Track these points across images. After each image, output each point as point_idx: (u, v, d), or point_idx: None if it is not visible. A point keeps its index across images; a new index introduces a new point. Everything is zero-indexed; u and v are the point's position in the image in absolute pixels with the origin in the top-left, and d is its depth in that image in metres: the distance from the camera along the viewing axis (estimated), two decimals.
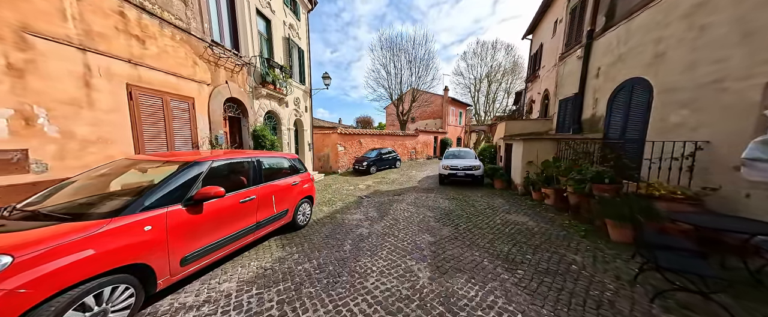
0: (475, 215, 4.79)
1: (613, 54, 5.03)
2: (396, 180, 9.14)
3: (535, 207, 5.17)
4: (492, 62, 25.91)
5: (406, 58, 18.24)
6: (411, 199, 6.23)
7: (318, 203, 5.72)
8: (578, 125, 6.09)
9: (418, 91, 19.10)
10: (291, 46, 8.52)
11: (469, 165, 7.59)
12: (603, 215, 3.34)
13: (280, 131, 7.86)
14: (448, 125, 23.01)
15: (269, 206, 3.07)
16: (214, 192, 2.10)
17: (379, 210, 5.24)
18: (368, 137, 13.58)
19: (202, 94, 4.47)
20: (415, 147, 17.42)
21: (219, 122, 4.92)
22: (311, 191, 4.25)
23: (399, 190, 7.40)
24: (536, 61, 9.83)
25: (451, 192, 6.93)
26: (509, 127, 8.31)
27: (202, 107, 4.49)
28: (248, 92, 6.06)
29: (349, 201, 6.03)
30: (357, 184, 8.48)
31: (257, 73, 6.28)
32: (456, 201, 5.93)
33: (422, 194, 6.84)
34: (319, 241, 3.53)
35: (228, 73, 5.25)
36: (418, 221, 4.48)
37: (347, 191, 7.31)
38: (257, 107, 6.47)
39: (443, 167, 7.83)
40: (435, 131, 20.33)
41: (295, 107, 8.80)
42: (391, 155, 12.66)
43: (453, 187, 7.66)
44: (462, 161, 8.14)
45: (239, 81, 5.66)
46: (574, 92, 6.36)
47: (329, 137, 12.32)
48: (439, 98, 22.90)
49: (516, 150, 6.63)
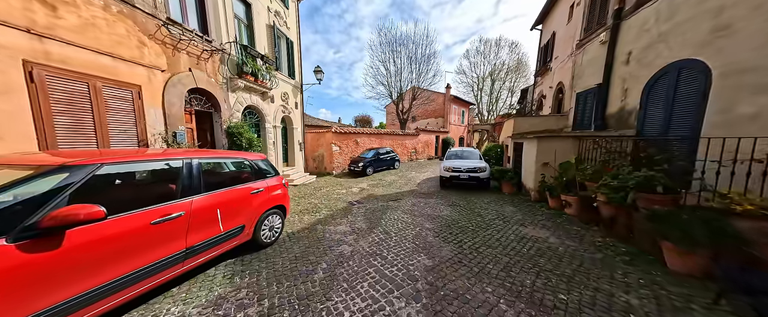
0: (482, 228, 3.98)
1: (649, 34, 4.18)
2: (393, 183, 8.35)
3: (554, 218, 4.34)
4: (495, 60, 25.08)
5: (406, 55, 17.45)
6: (408, 205, 5.43)
7: (300, 211, 4.95)
8: (601, 121, 5.24)
9: (419, 89, 18.30)
10: (278, 36, 7.77)
11: (474, 167, 6.77)
12: (658, 235, 2.51)
13: (264, 128, 7.12)
14: (450, 124, 22.15)
15: (212, 223, 2.30)
16: (85, 214, 1.33)
17: (369, 220, 4.45)
18: (365, 137, 12.80)
19: (153, 82, 3.73)
20: (416, 147, 16.61)
21: (179, 116, 4.18)
22: (283, 200, 3.48)
23: (396, 194, 6.61)
24: (547, 52, 8.97)
25: (453, 197, 6.12)
26: (518, 124, 7.47)
27: (154, 97, 3.75)
28: (221, 83, 5.31)
29: (336, 208, 5.26)
30: (350, 187, 7.71)
31: (232, 62, 5.53)
32: (459, 209, 5.12)
33: (421, 199, 6.05)
34: (285, 266, 2.76)
35: (192, 60, 4.50)
36: (413, 236, 3.68)
37: (338, 195, 6.54)
38: (234, 100, 5.73)
39: (445, 169, 7.02)
40: (436, 131, 19.49)
41: (282, 103, 8.05)
42: (389, 156, 11.87)
43: (456, 191, 6.84)
44: (465, 161, 7.33)
45: (209, 70, 4.91)
46: (596, 82, 5.51)
47: (324, 136, 11.57)
48: (440, 96, 22.06)
49: (528, 150, 5.80)
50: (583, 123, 6.08)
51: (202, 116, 5.13)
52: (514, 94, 26.28)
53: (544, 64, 9.14)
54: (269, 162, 3.48)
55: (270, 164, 3.49)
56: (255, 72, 6.05)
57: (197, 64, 4.61)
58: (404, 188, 7.52)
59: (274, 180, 3.38)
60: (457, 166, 6.90)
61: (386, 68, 17.70)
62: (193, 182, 2.15)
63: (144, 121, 3.55)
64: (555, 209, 4.76)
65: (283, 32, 8.03)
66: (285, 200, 3.54)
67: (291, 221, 4.35)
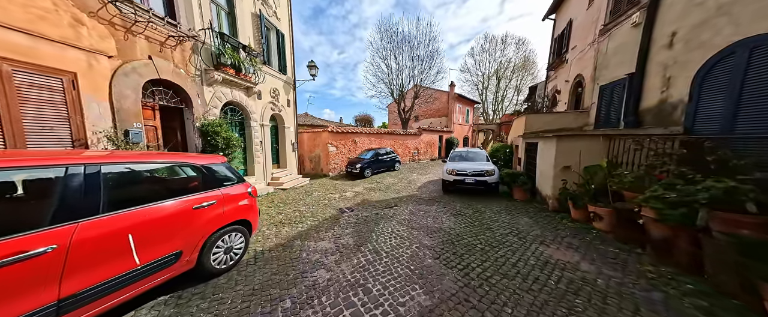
0: (493, 246, 3.25)
1: (703, 8, 3.38)
2: (392, 186, 7.64)
3: (581, 234, 3.57)
4: (501, 58, 24.15)
5: (408, 51, 16.69)
6: (405, 214, 4.73)
7: (280, 222, 4.29)
8: (634, 117, 4.43)
9: (422, 87, 17.54)
10: (266, 27, 7.16)
11: (481, 169, 6.01)
12: (752, 274, 1.75)
13: (249, 127, 6.50)
14: (455, 123, 21.30)
15: (118, 255, 1.64)
16: None
17: (358, 233, 3.76)
18: (364, 136, 12.13)
19: (96, 69, 3.11)
20: (418, 147, 15.86)
21: (134, 111, 3.56)
22: (248, 212, 2.82)
23: (393, 200, 5.91)
24: (562, 43, 8.13)
25: (457, 204, 5.38)
26: (530, 122, 6.68)
27: (97, 88, 3.13)
28: (194, 75, 4.69)
29: (324, 217, 4.58)
30: (345, 191, 7.04)
31: (208, 51, 4.91)
32: (465, 219, 4.39)
33: (421, 206, 5.33)
34: (234, 307, 2.09)
35: (154, 47, 3.89)
36: (408, 257, 2.98)
37: (329, 201, 5.87)
38: (210, 95, 5.11)
39: (448, 172, 6.28)
40: (440, 130, 18.69)
41: (271, 100, 7.43)
42: (389, 157, 11.17)
43: (460, 196, 6.10)
44: (471, 164, 6.57)
45: (176, 59, 4.30)
46: (626, 72, 4.70)
47: (320, 136, 10.94)
48: (444, 95, 21.24)
49: (545, 151, 5.02)
50: (609, 120, 5.26)
51: (171, 113, 4.52)
52: (521, 92, 25.29)
53: (559, 57, 8.30)
54: (230, 167, 2.83)
55: (232, 169, 2.83)
56: (236, 64, 5.43)
57: (160, 52, 3.99)
58: (403, 192, 6.81)
59: (237, 189, 2.72)
60: (462, 169, 6.15)
61: (387, 65, 16.99)
62: (80, 199, 1.49)
63: (81, 116, 2.93)
64: (580, 223, 3.98)
65: (273, 23, 7.41)
66: (251, 213, 2.88)
67: (265, 235, 3.69)
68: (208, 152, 4.78)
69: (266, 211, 4.86)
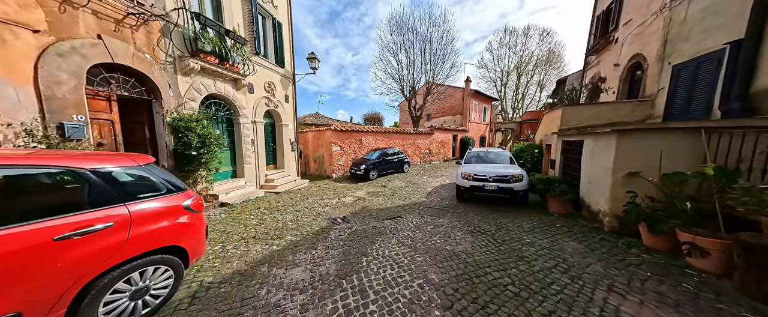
0: (532, 290, 2.20)
1: None
2: (398, 191, 6.67)
3: (674, 275, 2.37)
4: (522, 52, 22.18)
5: (420, 44, 15.53)
6: (409, 229, 3.75)
7: (253, 237, 3.50)
8: (741, 103, 3.09)
9: (434, 83, 16.31)
10: (260, 14, 6.51)
11: (506, 174, 4.85)
12: None
13: (238, 124, 5.86)
14: (470, 121, 19.74)
15: None
16: None
17: (344, 258, 2.86)
18: (370, 135, 11.25)
19: (12, 45, 2.49)
20: (430, 147, 14.69)
21: (73, 100, 2.93)
22: (181, 236, 2.02)
23: (397, 208, 4.94)
24: (609, 20, 6.66)
25: (475, 217, 4.30)
26: (569, 116, 5.37)
27: (14, 68, 2.51)
28: (164, 61, 4.06)
29: (310, 231, 3.74)
30: (345, 195, 6.19)
31: (182, 34, 4.26)
32: (486, 240, 3.32)
33: (430, 217, 4.31)
34: None
35: (106, 25, 3.26)
36: (405, 304, 2.05)
37: (323, 207, 5.04)
38: (186, 86, 4.47)
39: (464, 176, 5.18)
40: (454, 129, 17.30)
41: (266, 94, 6.78)
42: (397, 157, 10.19)
43: (478, 206, 4.98)
44: (493, 167, 5.41)
45: (139, 42, 3.67)
46: (725, 41, 3.35)
47: (324, 134, 10.24)
48: (459, 91, 19.77)
49: (597, 152, 3.78)
50: (689, 109, 3.90)
51: (137, 105, 3.92)
52: (545, 88, 23.08)
53: (604, 36, 6.82)
54: (156, 170, 2.04)
55: (160, 174, 2.04)
56: (219, 52, 4.77)
57: (116, 32, 3.37)
58: (410, 198, 5.81)
59: (162, 203, 1.92)
60: (482, 172, 5.02)
61: (398, 60, 15.93)
62: None
63: None
64: (661, 255, 2.75)
65: (268, 10, 6.75)
66: (188, 235, 2.07)
67: (228, 255, 2.90)
68: (180, 151, 4.14)
69: (245, 220, 4.12)
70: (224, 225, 3.83)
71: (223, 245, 3.11)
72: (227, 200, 4.93)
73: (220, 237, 3.37)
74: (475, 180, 4.98)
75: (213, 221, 4.03)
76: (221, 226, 3.80)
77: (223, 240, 3.26)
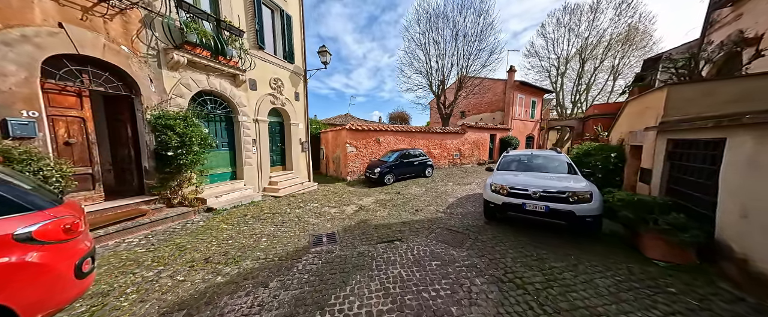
0: None
1: None
2: (412, 200, 5.44)
3: None
4: (588, 32, 18.01)
5: (451, 30, 13.70)
6: (404, 265, 2.55)
7: (210, 260, 2.79)
8: None
9: (467, 76, 14.27)
10: (266, 6, 6.14)
11: (561, 189, 3.20)
12: None
13: (238, 122, 5.49)
14: (514, 118, 16.83)
15: None
16: None
17: (292, 310, 1.88)
18: (390, 135, 10.19)
19: None
20: (461, 149, 12.82)
21: (22, 94, 2.67)
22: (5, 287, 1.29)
23: (402, 226, 3.77)
24: None
25: (508, 252, 2.83)
26: (685, 98, 3.36)
27: None
28: (145, 54, 3.76)
29: (279, 253, 2.89)
30: (349, 203, 5.29)
31: (166, 25, 3.93)
32: (522, 302, 1.95)
33: (440, 246, 3.02)
34: None
35: (69, 12, 3.00)
36: None
37: (315, 219, 4.20)
38: (173, 82, 4.16)
39: (494, 188, 3.64)
40: (492, 127, 14.87)
41: (272, 91, 6.37)
42: (418, 160, 8.90)
43: (515, 232, 3.42)
44: (541, 178, 3.70)
45: (113, 32, 3.39)
46: None
47: (340, 134, 9.62)
48: (500, 84, 17.05)
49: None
50: None
51: (118, 102, 3.69)
52: (621, 75, 18.31)
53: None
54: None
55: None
56: (210, 44, 4.39)
57: (83, 20, 3.10)
58: (424, 212, 4.55)
59: None
60: (522, 185, 3.44)
61: (425, 53, 14.39)
62: None
63: None
64: None
65: (275, 2, 6.35)
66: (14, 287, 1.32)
67: (151, 289, 2.17)
68: (158, 152, 3.80)
69: (217, 233, 3.51)
70: (187, 238, 3.27)
71: (160, 271, 2.46)
72: (215, 204, 4.51)
73: (169, 257, 2.76)
74: (511, 195, 3.45)
75: (182, 231, 3.52)
76: (183, 239, 3.24)
77: (167, 262, 2.63)
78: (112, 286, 2.16)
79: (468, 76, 14.29)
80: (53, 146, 2.97)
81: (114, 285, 2.17)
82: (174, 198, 4.05)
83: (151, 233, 3.34)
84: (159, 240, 3.18)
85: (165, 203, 3.94)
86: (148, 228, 3.39)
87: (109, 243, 2.98)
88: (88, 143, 3.30)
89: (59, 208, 1.57)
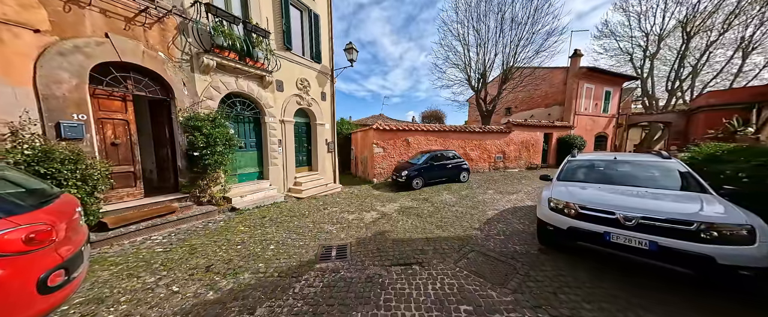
0: None
1: None
2: (442, 210, 4.66)
3: None
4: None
5: (496, 14, 11.96)
6: (422, 303, 1.89)
7: (215, 267, 2.66)
8: None
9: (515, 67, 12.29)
10: (294, 6, 6.18)
11: (686, 215, 2.06)
12: None
13: (264, 123, 5.60)
14: (579, 114, 13.72)
15: None
16: None
17: None
18: (420, 135, 9.42)
19: (10, 45, 2.58)
20: (505, 150, 11.14)
21: (74, 99, 2.96)
22: None
23: (426, 243, 3.10)
24: None
25: (581, 306, 1.87)
26: None
27: (12, 69, 2.60)
28: (179, 59, 3.99)
29: (281, 267, 2.60)
30: (370, 209, 4.85)
31: (200, 31, 4.12)
32: None
33: (473, 280, 2.25)
34: None
35: (115, 22, 3.27)
36: None
37: (331, 225, 3.86)
38: (204, 85, 4.36)
39: (557, 205, 2.64)
40: (546, 125, 12.50)
41: (298, 92, 6.39)
42: (452, 163, 7.94)
43: (593, 273, 2.37)
44: (638, 195, 2.53)
45: (152, 40, 3.64)
46: None
47: (367, 134, 9.33)
48: (558, 73, 14.19)
49: None
50: None
51: (159, 106, 4.00)
52: (759, 49, 13.18)
53: None
54: None
55: None
56: (236, 46, 4.49)
57: (126, 30, 3.37)
58: (454, 225, 3.77)
59: None
60: (607, 204, 2.38)
61: (464, 43, 12.85)
62: None
63: None
64: None
65: (303, 2, 6.35)
66: None
67: (144, 299, 2.06)
68: (189, 153, 3.98)
69: (232, 235, 3.44)
70: (202, 240, 3.25)
71: (161, 278, 2.37)
72: (239, 204, 4.59)
73: (177, 260, 2.71)
74: (583, 219, 2.42)
75: (201, 231, 3.55)
76: (199, 240, 3.23)
77: (172, 267, 2.56)
78: (112, 292, 2.12)
79: (516, 66, 12.36)
80: (101, 147, 3.31)
81: (114, 291, 2.13)
82: (203, 197, 4.23)
83: (175, 231, 3.47)
84: (179, 239, 3.25)
85: (194, 201, 4.14)
86: (174, 226, 3.53)
87: (137, 240, 3.15)
88: (131, 143, 3.62)
89: (36, 213, 1.47)
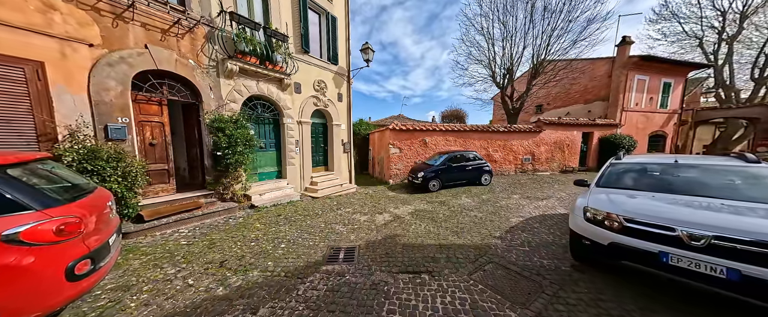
0: None
1: None
2: (458, 215, 4.38)
3: None
4: None
5: (524, 9, 10.96)
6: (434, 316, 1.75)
7: (228, 262, 2.79)
8: None
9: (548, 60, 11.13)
10: (312, 10, 6.36)
11: None
12: None
13: (283, 125, 5.83)
14: (628, 109, 11.81)
15: None
16: None
17: None
18: (438, 135, 9.07)
19: (71, 58, 2.97)
20: (534, 151, 10.21)
21: (119, 104, 3.34)
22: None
23: (439, 251, 2.91)
24: None
25: None
26: None
27: (72, 78, 2.99)
28: (207, 66, 4.32)
29: (289, 267, 2.63)
30: (383, 211, 4.77)
31: (225, 39, 4.42)
32: None
33: (491, 302, 2.00)
34: None
35: (153, 35, 3.64)
36: None
37: (343, 226, 3.86)
38: (228, 89, 4.66)
39: (596, 216, 2.22)
40: (586, 124, 11.07)
41: (315, 94, 6.55)
42: (472, 164, 7.49)
43: (638, 297, 1.95)
44: (716, 210, 1.94)
45: (183, 49, 3.98)
46: None
47: (384, 135, 9.28)
48: (601, 65, 12.31)
49: None
50: None
51: (190, 109, 4.36)
52: None
53: None
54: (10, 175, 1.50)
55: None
56: (257, 51, 4.74)
57: (162, 41, 3.73)
58: (473, 232, 3.50)
59: None
60: (665, 215, 1.95)
61: (488, 38, 11.93)
62: None
63: (49, 109, 2.82)
64: None
65: (321, 6, 6.51)
66: None
67: (159, 291, 2.20)
68: (213, 152, 4.29)
69: (248, 231, 3.61)
70: (221, 235, 3.45)
71: (180, 270, 2.53)
72: (258, 202, 4.82)
73: (196, 254, 2.89)
74: (629, 233, 2.01)
75: (222, 227, 3.78)
76: (218, 235, 3.43)
77: (191, 260, 2.73)
78: (138, 280, 2.32)
79: (548, 59, 11.20)
80: (141, 147, 3.71)
81: (139, 280, 2.33)
82: (225, 194, 4.53)
83: (199, 225, 3.75)
84: (201, 233, 3.50)
85: (218, 197, 4.45)
86: (199, 221, 3.82)
87: (167, 232, 3.45)
88: (166, 143, 4.00)
89: (69, 206, 1.64)
